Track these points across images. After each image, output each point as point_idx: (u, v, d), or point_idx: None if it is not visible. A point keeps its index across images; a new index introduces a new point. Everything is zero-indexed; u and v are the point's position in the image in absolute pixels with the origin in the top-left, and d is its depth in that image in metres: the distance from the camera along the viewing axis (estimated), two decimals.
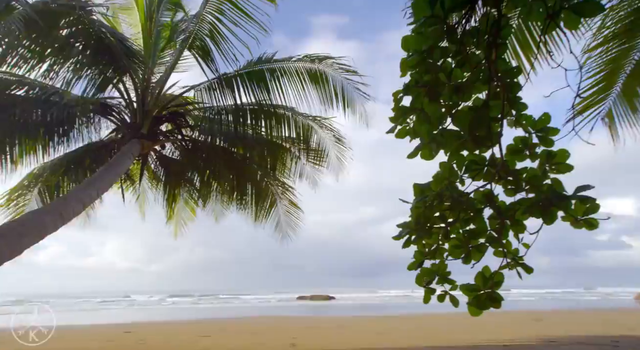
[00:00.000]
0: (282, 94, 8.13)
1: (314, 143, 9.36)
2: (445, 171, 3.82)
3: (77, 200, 4.14)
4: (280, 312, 33.86)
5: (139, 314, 32.82)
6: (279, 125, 8.83)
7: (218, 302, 48.89)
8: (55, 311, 37.04)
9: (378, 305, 39.59)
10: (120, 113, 7.91)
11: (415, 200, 3.89)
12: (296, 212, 10.83)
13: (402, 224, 3.87)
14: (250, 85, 8.04)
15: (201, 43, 7.62)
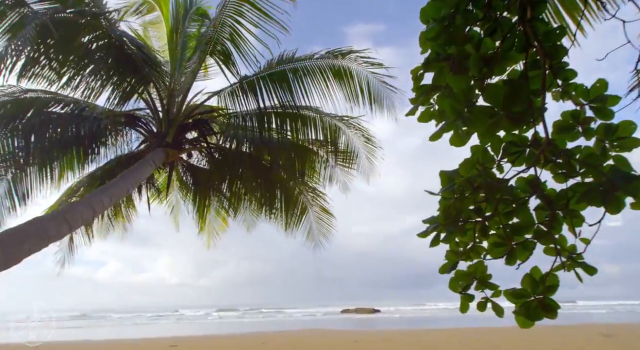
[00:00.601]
0: (305, 94, 7.82)
1: (342, 144, 8.95)
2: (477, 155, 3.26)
3: (86, 206, 3.97)
4: (325, 326, 33.30)
5: (186, 328, 33.38)
6: (304, 128, 8.50)
7: (262, 316, 49.01)
8: (111, 325, 38.67)
9: (425, 319, 38.01)
10: (147, 123, 7.91)
11: (442, 189, 3.34)
12: (328, 218, 10.40)
13: (428, 219, 3.34)
14: (272, 87, 7.79)
15: (222, 47, 7.49)
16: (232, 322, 40.08)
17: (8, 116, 7.53)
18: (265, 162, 9.05)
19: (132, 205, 10.09)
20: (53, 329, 35.83)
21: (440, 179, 3.35)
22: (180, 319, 44.60)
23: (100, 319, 48.62)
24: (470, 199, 3.57)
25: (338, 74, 7.72)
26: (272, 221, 10.27)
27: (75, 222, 3.67)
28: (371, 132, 8.80)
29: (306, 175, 9.43)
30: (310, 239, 10.49)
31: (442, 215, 3.40)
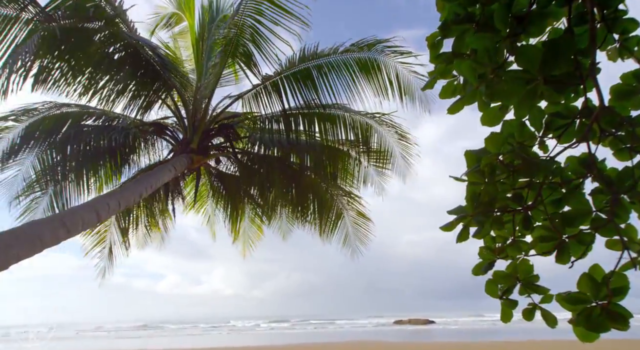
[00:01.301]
0: (331, 91, 7.44)
1: (374, 143, 8.42)
2: (509, 129, 2.69)
3: (89, 209, 3.81)
4: (376, 337, 32.41)
5: (237, 339, 33.72)
6: (333, 127, 8.09)
7: (313, 327, 48.58)
8: (166, 336, 39.95)
9: (483, 330, 35.83)
10: (174, 131, 7.87)
11: (467, 172, 2.76)
12: (365, 223, 9.85)
13: (454, 209, 2.78)
14: (297, 87, 7.48)
15: (244, 49, 7.30)
16: (282, 333, 40.00)
17: (46, 132, 7.77)
18: (295, 165, 8.72)
19: (167, 215, 10.13)
20: (116, 338, 37.74)
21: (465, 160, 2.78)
22: (232, 331, 45.22)
23: (158, 329, 50.47)
24: (507, 185, 2.97)
25: (365, 68, 7.27)
26: (307, 227, 9.91)
27: (75, 226, 3.49)
28: (404, 128, 8.22)
29: (339, 178, 8.99)
30: (347, 245, 9.98)
31: (469, 203, 2.82)
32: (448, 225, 2.78)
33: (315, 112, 7.96)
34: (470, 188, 2.77)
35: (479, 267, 3.09)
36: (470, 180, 2.88)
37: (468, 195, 2.80)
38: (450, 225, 2.78)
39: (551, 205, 2.62)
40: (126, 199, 4.35)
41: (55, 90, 5.78)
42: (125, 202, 4.31)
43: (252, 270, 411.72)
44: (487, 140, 2.68)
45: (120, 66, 6.44)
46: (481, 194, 2.92)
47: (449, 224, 2.78)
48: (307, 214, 9.35)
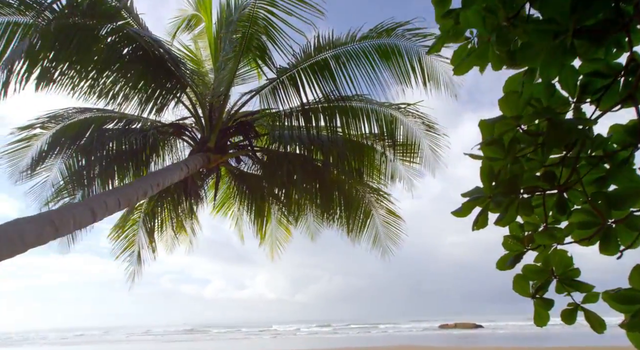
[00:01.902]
0: (351, 82, 7.04)
1: (400, 136, 7.91)
2: (531, 92, 2.24)
3: (83, 208, 3.64)
4: (422, 342, 31.47)
5: (278, 343, 33.74)
6: (356, 121, 7.66)
7: (357, 332, 47.89)
8: (212, 340, 40.66)
9: (536, 335, 33.77)
10: (192, 131, 7.75)
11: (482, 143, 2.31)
12: (396, 222, 9.32)
13: (469, 192, 2.31)
14: (315, 79, 7.14)
15: (257, 42, 7.06)
16: (323, 337, 39.64)
17: (71, 137, 7.89)
18: (318, 162, 8.37)
19: (194, 217, 10.07)
20: (162, 342, 38.92)
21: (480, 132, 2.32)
22: (274, 334, 45.38)
23: (203, 333, 51.64)
24: (536, 162, 2.48)
25: (385, 55, 6.81)
26: (334, 227, 9.52)
27: (65, 225, 3.32)
28: (432, 118, 7.65)
29: (365, 174, 8.54)
30: (377, 245, 9.49)
31: (486, 183, 2.35)
32: (460, 210, 2.32)
33: (335, 105, 7.59)
34: (485, 164, 2.30)
35: (504, 260, 2.61)
36: (487, 155, 2.41)
37: (484, 174, 2.33)
38: (463, 209, 2.32)
39: (592, 184, 2.11)
40: (127, 197, 4.17)
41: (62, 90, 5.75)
42: (125, 200, 4.13)
43: (295, 274, 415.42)
44: (502, 101, 2.21)
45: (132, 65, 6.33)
46: (501, 171, 2.44)
47: (461, 209, 2.32)
48: (333, 213, 8.96)
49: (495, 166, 2.46)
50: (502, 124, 2.14)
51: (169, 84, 6.65)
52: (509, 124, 2.13)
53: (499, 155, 2.43)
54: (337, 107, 7.64)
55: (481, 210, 2.44)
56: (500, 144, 2.38)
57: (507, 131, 2.16)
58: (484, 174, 2.28)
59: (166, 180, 5.08)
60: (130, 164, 7.80)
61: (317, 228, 10.38)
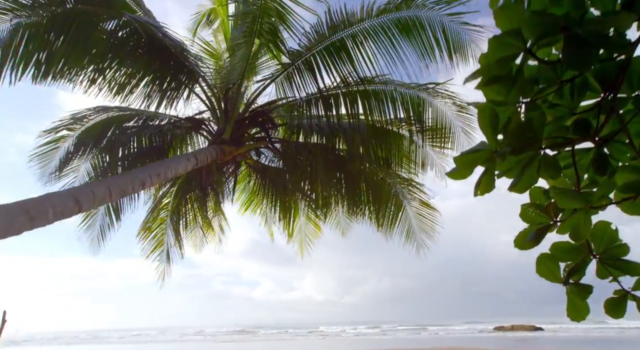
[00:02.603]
0: (370, 62, 6.50)
1: (429, 119, 7.24)
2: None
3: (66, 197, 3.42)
4: (474, 344, 30.08)
5: (325, 345, 33.42)
6: (379, 105, 7.10)
7: (405, 333, 46.59)
8: (259, 340, 41.16)
9: (604, 339, 31.09)
10: (209, 124, 7.54)
11: (482, 80, 1.77)
12: (431, 214, 8.61)
13: (470, 150, 1.74)
14: (331, 61, 6.67)
15: (269, 26, 6.69)
16: (372, 339, 38.82)
17: (95, 137, 7.94)
18: (341, 152, 7.88)
19: (222, 215, 9.91)
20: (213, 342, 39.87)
21: (488, 48, 1.74)
22: (321, 336, 45.08)
23: (251, 334, 52.39)
24: (563, 108, 1.99)
25: (406, 29, 6.21)
26: (365, 222, 8.97)
27: (43, 215, 3.10)
28: (463, 97, 6.92)
29: (394, 164, 7.93)
30: (411, 240, 8.82)
31: (489, 132, 1.82)
32: (455, 171, 1.81)
33: (356, 90, 7.08)
34: (487, 109, 1.78)
35: (523, 235, 2.04)
36: (490, 97, 1.89)
37: (484, 119, 1.81)
38: (459, 168, 1.81)
39: None
40: (120, 187, 3.92)
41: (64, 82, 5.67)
42: (118, 190, 3.89)
43: (343, 276, 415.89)
44: (500, 13, 1.69)
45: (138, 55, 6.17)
46: (511, 118, 1.90)
47: (457, 169, 1.81)
48: (362, 206, 8.42)
49: (502, 114, 1.90)
50: (500, 44, 1.60)
51: (180, 75, 6.44)
52: (511, 44, 1.59)
53: (506, 97, 1.87)
54: (358, 92, 7.13)
55: (484, 170, 1.88)
56: (508, 81, 1.82)
57: (510, 57, 1.62)
58: (485, 120, 1.74)
59: (169, 170, 4.82)
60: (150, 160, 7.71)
61: (347, 223, 9.89)
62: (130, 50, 5.74)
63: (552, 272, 1.87)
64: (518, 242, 1.95)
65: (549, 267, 1.87)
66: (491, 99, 1.80)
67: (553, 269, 1.86)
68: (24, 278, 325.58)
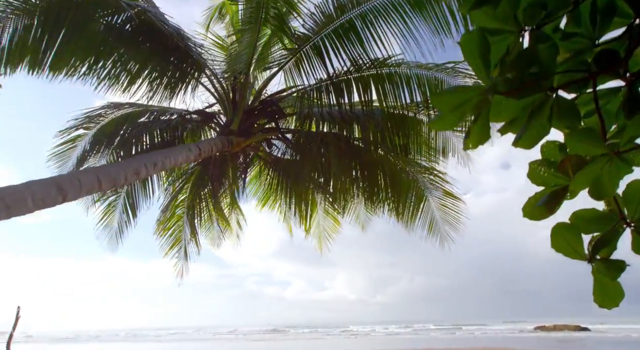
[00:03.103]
0: (381, 42, 6.10)
1: None
2: None
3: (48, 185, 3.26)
4: (513, 344, 28.95)
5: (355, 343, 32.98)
6: (394, 88, 6.68)
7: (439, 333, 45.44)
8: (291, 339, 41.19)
9: None
10: (218, 117, 7.35)
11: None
12: (455, 204, 8.09)
13: (456, 87, 1.71)
14: (340, 44, 6.31)
15: (275, 11, 6.41)
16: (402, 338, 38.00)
17: (109, 135, 7.93)
18: (356, 141, 7.51)
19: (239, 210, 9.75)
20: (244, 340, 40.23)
21: None
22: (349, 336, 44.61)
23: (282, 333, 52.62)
24: (584, 39, 1.49)
25: (418, 3, 5.77)
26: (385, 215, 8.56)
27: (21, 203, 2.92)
28: None
29: (412, 151, 7.48)
30: (434, 232, 8.33)
31: (479, 67, 1.38)
32: (438, 118, 1.46)
33: (368, 74, 6.69)
34: (475, 35, 1.41)
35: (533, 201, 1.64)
36: (481, 23, 1.50)
37: (471, 51, 1.44)
38: (444, 114, 1.46)
39: None
40: (110, 176, 3.72)
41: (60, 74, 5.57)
42: (108, 179, 3.69)
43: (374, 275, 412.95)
44: None
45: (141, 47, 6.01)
46: (510, 50, 1.52)
47: (441, 115, 1.47)
48: (379, 197, 8.01)
49: (499, 45, 1.54)
50: None
51: (184, 65, 6.27)
52: None
53: (504, 24, 1.51)
54: (370, 76, 6.74)
55: (475, 116, 1.53)
56: (506, 2, 1.47)
57: None
58: (473, 50, 1.38)
59: (167, 160, 4.62)
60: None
61: (367, 217, 9.50)
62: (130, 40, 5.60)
63: (572, 247, 1.48)
64: (527, 210, 1.56)
65: (569, 240, 1.48)
66: (483, 26, 1.42)
67: (574, 243, 1.46)
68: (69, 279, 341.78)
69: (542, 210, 1.48)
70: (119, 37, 5.44)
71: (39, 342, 55.74)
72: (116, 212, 8.99)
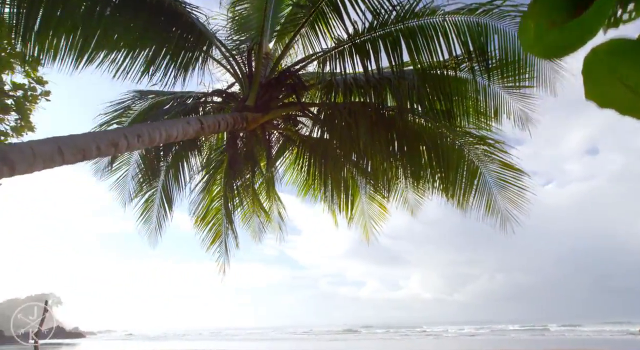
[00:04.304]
0: None
1: (496, 51, 5.59)
2: None
3: (21, 150, 2.88)
4: (612, 347, 25.71)
5: (422, 344, 31.21)
6: (428, 43, 5.67)
7: (522, 333, 41.74)
8: (360, 339, 40.32)
9: None
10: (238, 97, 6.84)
11: None
12: (516, 178, 6.80)
13: None
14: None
15: None
16: (477, 339, 35.30)
17: None
18: (389, 110, 6.57)
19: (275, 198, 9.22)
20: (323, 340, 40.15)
21: None
22: (421, 336, 42.53)
23: (354, 334, 51.76)
24: None
25: None
26: (436, 196, 7.49)
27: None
28: None
29: (457, 117, 6.39)
30: (494, 212, 7.09)
31: None
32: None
33: (396, 29, 5.77)
34: None
35: None
36: None
37: None
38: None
39: None
40: (77, 146, 3.25)
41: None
42: (73, 150, 3.21)
43: (450, 273, 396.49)
44: None
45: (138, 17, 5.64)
46: None
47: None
48: (424, 175, 6.98)
49: None
50: None
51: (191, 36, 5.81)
52: None
53: None
54: (399, 31, 5.80)
55: None
56: None
57: None
58: None
59: (156, 132, 4.14)
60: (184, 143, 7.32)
61: (416, 200, 8.47)
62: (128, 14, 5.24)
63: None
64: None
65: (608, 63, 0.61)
66: None
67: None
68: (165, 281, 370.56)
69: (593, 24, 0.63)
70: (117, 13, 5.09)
71: (137, 339, 60.49)
72: (154, 206, 8.90)
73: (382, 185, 8.02)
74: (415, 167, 6.98)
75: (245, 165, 7.31)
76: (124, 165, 8.56)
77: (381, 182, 7.88)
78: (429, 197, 8.13)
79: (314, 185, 8.75)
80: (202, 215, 9.00)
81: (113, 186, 8.63)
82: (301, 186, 9.33)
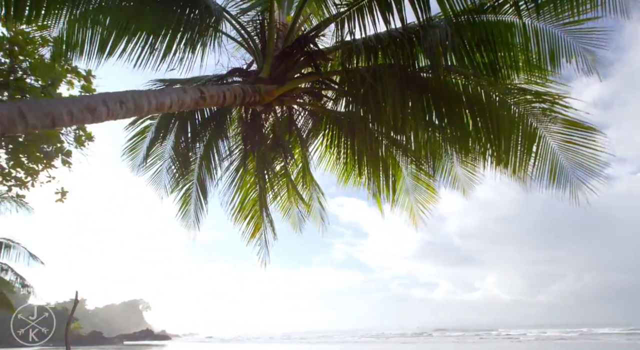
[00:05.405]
0: None
1: None
2: None
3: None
4: None
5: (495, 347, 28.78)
6: None
7: (616, 337, 37.07)
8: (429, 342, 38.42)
9: None
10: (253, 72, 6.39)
11: None
12: (586, 137, 5.60)
13: None
14: None
15: None
16: (560, 342, 31.81)
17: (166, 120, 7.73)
18: (423, 72, 5.73)
19: (312, 185, 8.67)
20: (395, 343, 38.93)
21: None
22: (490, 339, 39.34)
23: (424, 337, 49.44)
24: None
25: None
26: (487, 169, 6.48)
27: None
28: None
29: (504, 70, 5.37)
30: (560, 181, 5.92)
31: None
32: None
33: None
34: None
35: None
36: None
37: None
38: None
39: None
40: (43, 111, 2.89)
41: None
42: (39, 114, 2.85)
43: (531, 273, 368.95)
44: None
45: None
46: None
47: None
48: (470, 145, 6.03)
49: None
50: None
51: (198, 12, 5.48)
52: None
53: None
54: None
55: None
56: None
57: None
58: None
59: (142, 99, 3.76)
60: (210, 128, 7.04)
61: (467, 177, 7.46)
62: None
63: None
64: None
65: None
66: None
67: None
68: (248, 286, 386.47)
69: None
70: None
71: (214, 342, 63.08)
72: (192, 200, 8.76)
73: (426, 162, 7.14)
74: (460, 136, 6.05)
75: (274, 151, 6.86)
76: (158, 160, 8.51)
77: (423, 158, 7.01)
78: (482, 172, 7.13)
79: (353, 169, 8.07)
80: (237, 208, 8.70)
81: (149, 181, 8.61)
82: (340, 174, 8.70)
